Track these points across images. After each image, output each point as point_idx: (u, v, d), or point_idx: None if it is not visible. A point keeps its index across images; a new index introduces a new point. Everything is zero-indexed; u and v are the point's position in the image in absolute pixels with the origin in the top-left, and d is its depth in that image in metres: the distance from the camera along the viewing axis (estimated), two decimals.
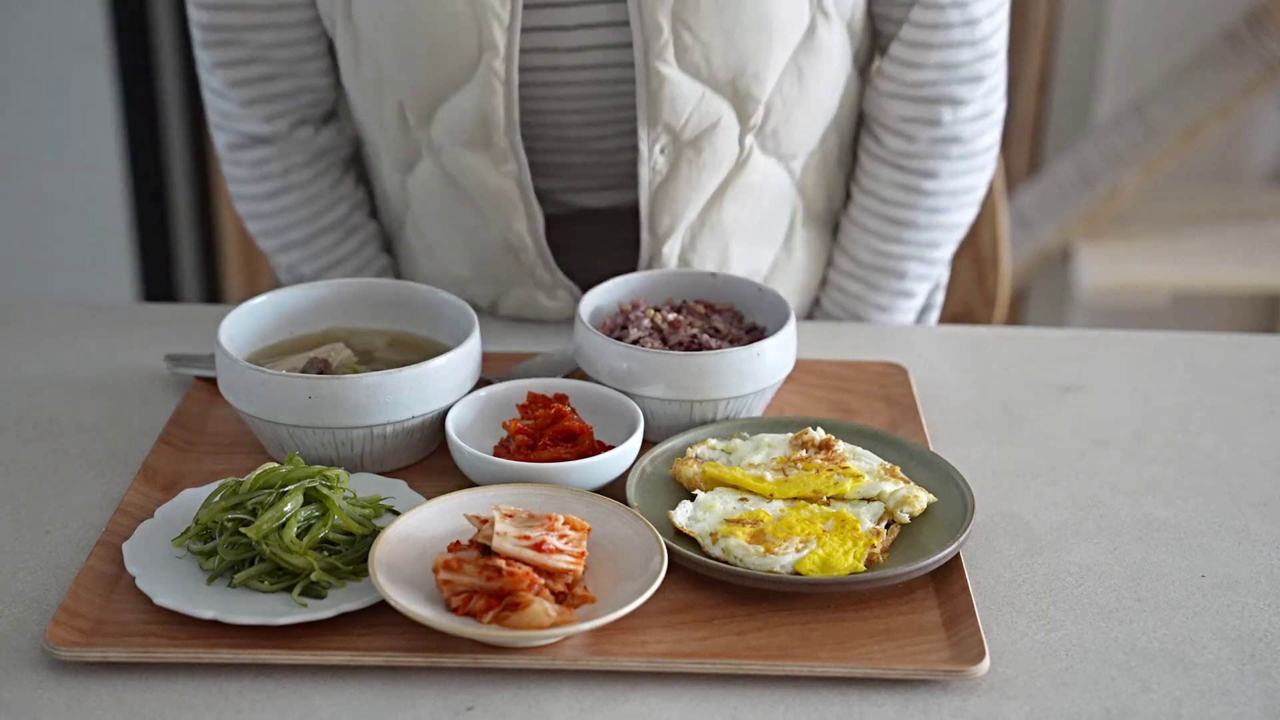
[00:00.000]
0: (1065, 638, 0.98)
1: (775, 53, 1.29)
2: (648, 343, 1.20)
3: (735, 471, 1.09)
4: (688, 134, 1.30)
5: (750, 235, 1.39)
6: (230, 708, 0.91)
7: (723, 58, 1.27)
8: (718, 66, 1.27)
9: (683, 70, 1.27)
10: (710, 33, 1.26)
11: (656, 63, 1.26)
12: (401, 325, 1.26)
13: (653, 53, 1.26)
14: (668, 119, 1.29)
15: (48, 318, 1.42)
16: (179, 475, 1.14)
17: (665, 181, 1.33)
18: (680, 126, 1.30)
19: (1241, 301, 3.04)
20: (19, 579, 1.02)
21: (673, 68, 1.27)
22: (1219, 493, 1.16)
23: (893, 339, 1.42)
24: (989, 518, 1.12)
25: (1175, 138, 2.73)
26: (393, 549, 0.98)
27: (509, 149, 1.32)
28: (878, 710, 0.92)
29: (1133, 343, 1.41)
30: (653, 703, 0.92)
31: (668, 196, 1.33)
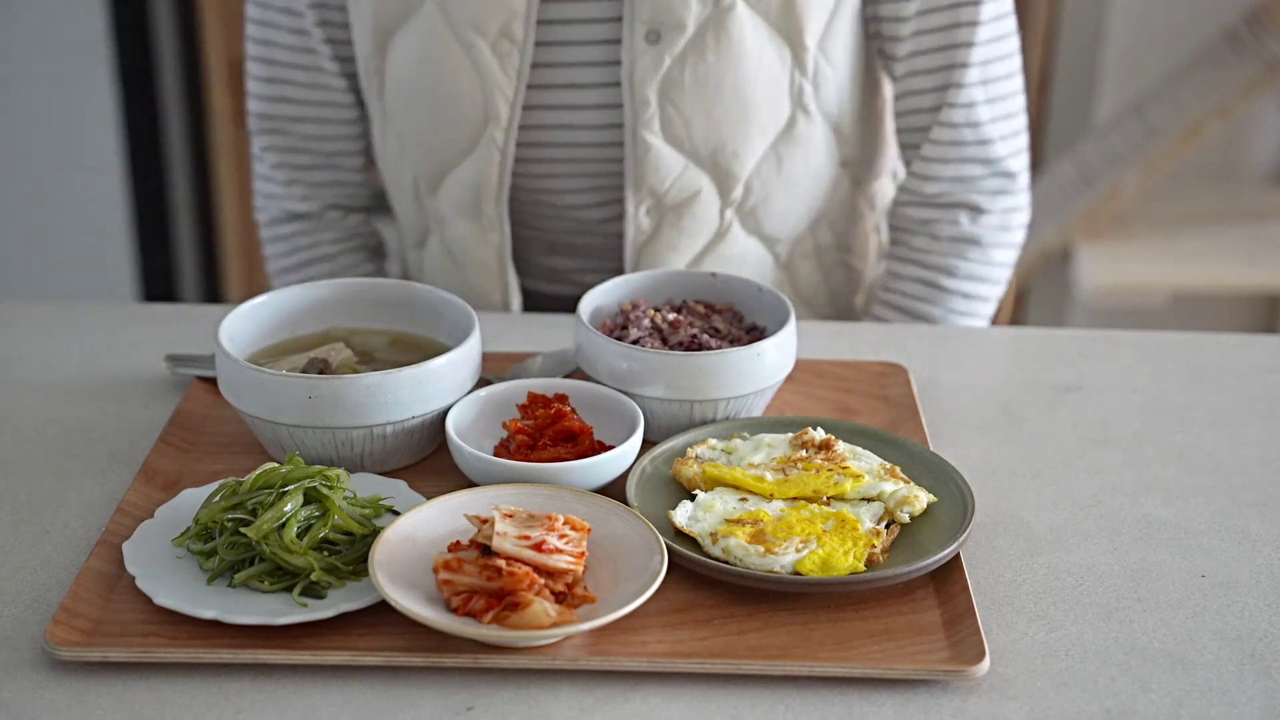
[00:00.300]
0: (1065, 638, 0.98)
1: (754, 137, 1.41)
2: (648, 343, 1.20)
3: (735, 471, 1.09)
4: (670, 199, 1.42)
5: None
6: (230, 708, 0.91)
7: (704, 134, 1.39)
8: (699, 141, 1.40)
9: (667, 141, 1.39)
10: (692, 110, 1.38)
11: (644, 132, 1.38)
12: (401, 325, 1.26)
13: (640, 122, 1.38)
14: (652, 184, 1.41)
15: (48, 318, 1.42)
16: (179, 475, 1.14)
17: (648, 241, 1.44)
18: (663, 192, 1.42)
19: (1241, 301, 3.04)
20: (19, 579, 1.03)
21: (658, 138, 1.39)
22: (1219, 493, 1.16)
23: (893, 339, 1.42)
24: (989, 518, 1.12)
25: (1175, 138, 2.73)
26: (393, 549, 0.98)
27: (495, 218, 1.45)
28: (878, 710, 0.92)
29: (1133, 343, 1.41)
30: (653, 703, 0.92)
31: (650, 254, 1.45)
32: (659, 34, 1.35)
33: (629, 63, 1.36)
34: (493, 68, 1.37)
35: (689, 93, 1.37)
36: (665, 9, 1.34)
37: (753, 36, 1.36)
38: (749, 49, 1.36)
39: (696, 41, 1.35)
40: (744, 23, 1.36)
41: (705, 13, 1.35)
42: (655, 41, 1.35)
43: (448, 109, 1.41)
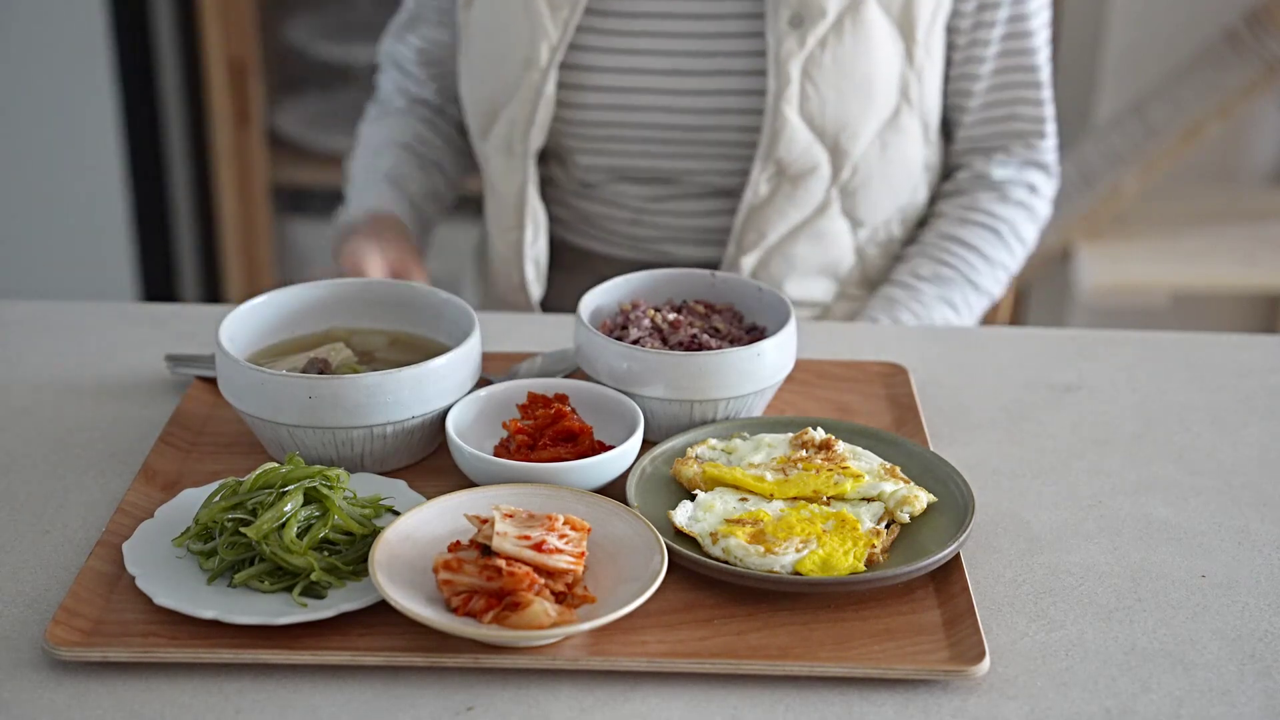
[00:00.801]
0: (1065, 638, 0.98)
1: (870, 119, 1.51)
2: (648, 343, 1.20)
3: (735, 471, 1.09)
4: (792, 170, 1.50)
5: (812, 273, 1.57)
6: (230, 708, 0.91)
7: (834, 112, 1.49)
8: (829, 119, 1.49)
9: (802, 117, 1.48)
10: (828, 89, 1.48)
11: (785, 107, 1.47)
12: (401, 325, 1.26)
13: (783, 99, 1.46)
14: (780, 154, 1.49)
15: (48, 318, 1.42)
16: (179, 475, 1.14)
17: (761, 205, 1.52)
18: (788, 163, 1.50)
19: (1241, 301, 3.04)
20: (19, 579, 1.03)
21: (796, 113, 1.47)
22: (1219, 493, 1.16)
23: (893, 339, 1.42)
24: (989, 518, 1.12)
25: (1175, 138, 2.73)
26: (393, 549, 0.98)
27: (521, 155, 1.53)
28: (878, 710, 0.92)
29: (1133, 343, 1.41)
30: (653, 703, 0.92)
31: (759, 217, 1.52)
32: (802, 18, 1.45)
33: (774, 42, 1.46)
34: (544, 16, 1.47)
35: (828, 74, 1.47)
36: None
37: (879, 27, 1.48)
38: (876, 38, 1.48)
39: (836, 27, 1.46)
40: (874, 13, 1.47)
41: (844, 2, 1.46)
42: (798, 25, 1.45)
43: (500, 51, 1.51)
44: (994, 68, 1.57)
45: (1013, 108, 1.59)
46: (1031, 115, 1.60)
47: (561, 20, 1.47)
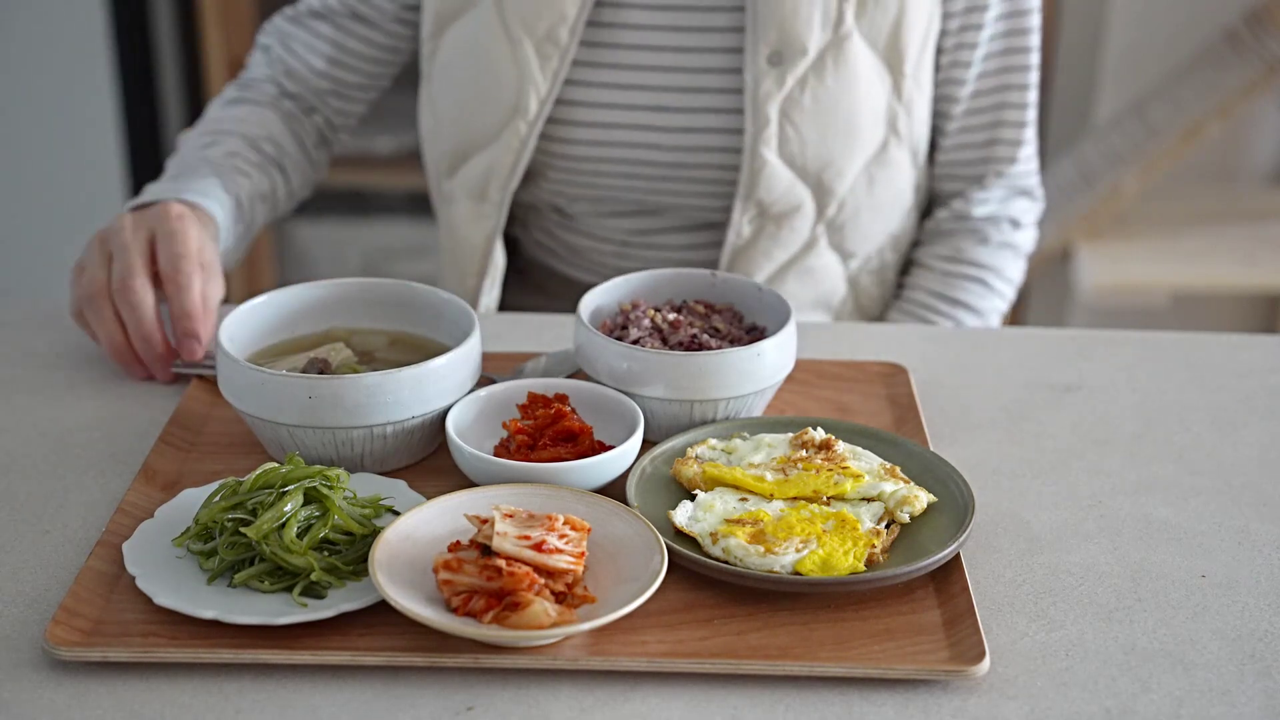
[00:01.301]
0: (1065, 638, 0.98)
1: (855, 156, 1.48)
2: (648, 343, 1.20)
3: (735, 471, 1.09)
4: (774, 211, 1.49)
5: (805, 307, 1.55)
6: (230, 708, 0.91)
7: (815, 152, 1.46)
8: (810, 159, 1.47)
9: (781, 158, 1.46)
10: (808, 129, 1.45)
11: (762, 149, 1.45)
12: (401, 325, 1.26)
13: (760, 140, 1.44)
14: (761, 196, 1.47)
15: (48, 318, 1.41)
16: (179, 475, 1.14)
17: (745, 246, 1.50)
18: (769, 203, 1.48)
19: (1241, 301, 3.04)
20: (19, 579, 1.03)
21: (774, 154, 1.45)
22: (1219, 493, 1.16)
23: (893, 339, 1.42)
24: (989, 518, 1.12)
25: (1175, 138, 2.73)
26: (393, 549, 0.98)
27: (497, 203, 1.52)
28: (878, 710, 0.92)
29: (1133, 343, 1.41)
30: (653, 703, 0.92)
31: (745, 258, 1.51)
32: (781, 56, 1.43)
33: (752, 82, 1.44)
34: (533, 67, 1.45)
35: (808, 114, 1.45)
36: (789, 33, 1.42)
37: (865, 63, 1.46)
38: (861, 74, 1.45)
39: (817, 65, 1.44)
40: (858, 50, 1.45)
41: (826, 38, 1.43)
42: (778, 63, 1.43)
43: (483, 94, 1.48)
44: (975, 89, 1.54)
45: (994, 131, 1.56)
46: (1012, 139, 1.56)
47: (551, 71, 1.45)
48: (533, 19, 1.44)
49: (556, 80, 1.45)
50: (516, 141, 1.47)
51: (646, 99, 1.47)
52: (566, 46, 1.44)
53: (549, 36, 1.44)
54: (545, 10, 1.44)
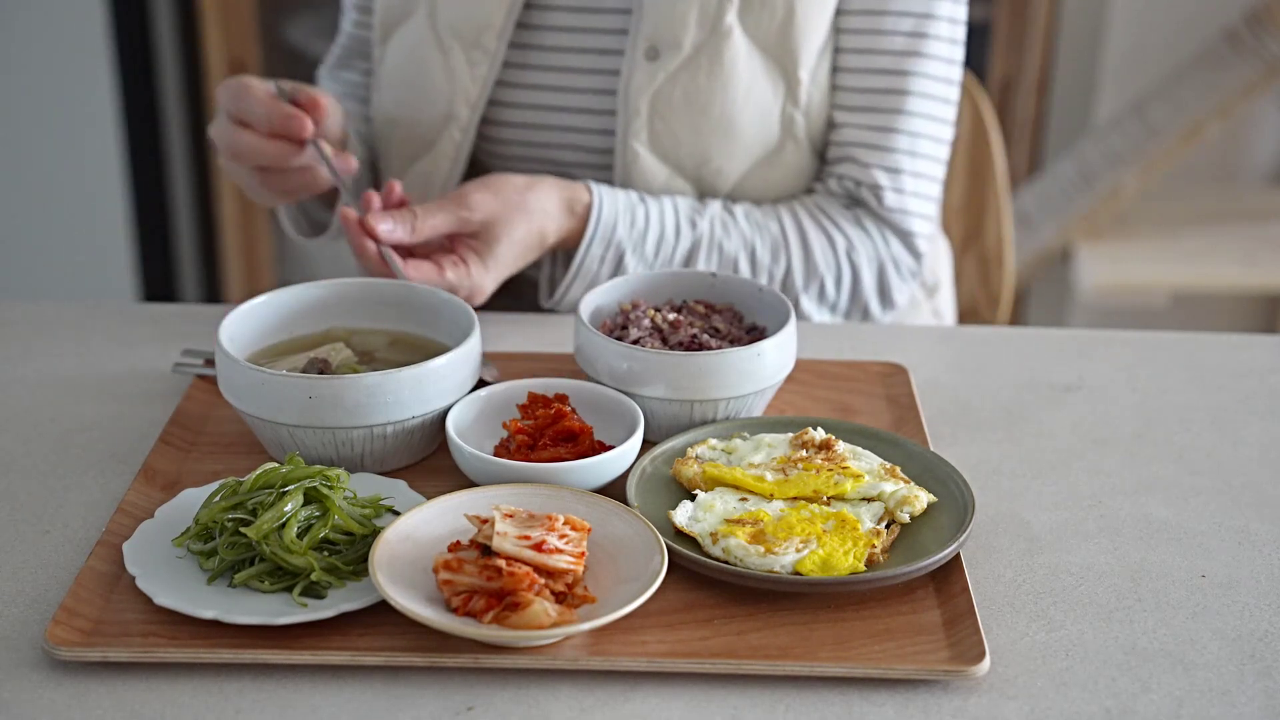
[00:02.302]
0: (1065, 638, 0.98)
1: (738, 156, 1.46)
2: (648, 343, 1.20)
3: (735, 471, 1.09)
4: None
5: None
6: (230, 708, 0.91)
7: (690, 149, 1.44)
8: (684, 155, 1.45)
9: (653, 152, 1.44)
10: (680, 125, 1.43)
11: (633, 142, 1.44)
12: (401, 325, 1.26)
13: (630, 133, 1.43)
14: (638, 188, 1.45)
15: (48, 318, 1.42)
16: (179, 475, 1.14)
17: None
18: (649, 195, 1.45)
19: (1241, 301, 3.04)
20: (19, 579, 1.03)
21: (645, 148, 1.44)
22: (1219, 493, 1.16)
23: (893, 339, 1.42)
24: (989, 518, 1.12)
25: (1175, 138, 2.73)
26: (393, 549, 0.98)
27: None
28: (878, 710, 0.92)
29: (1133, 343, 1.42)
30: (653, 703, 0.92)
31: None
32: (658, 51, 1.41)
33: (626, 75, 1.43)
34: (463, 74, 1.46)
35: (678, 109, 1.43)
36: (665, 28, 1.41)
37: (746, 63, 1.42)
38: (740, 74, 1.42)
39: (691, 62, 1.42)
40: (738, 49, 1.42)
41: (702, 35, 1.41)
42: (654, 58, 1.42)
43: (418, 102, 1.49)
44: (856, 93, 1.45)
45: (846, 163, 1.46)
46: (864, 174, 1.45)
47: (480, 78, 1.45)
48: (461, 26, 1.45)
49: (485, 86, 1.45)
50: (451, 148, 1.48)
51: (570, 100, 1.47)
52: (495, 52, 1.44)
53: (477, 44, 1.45)
54: (473, 18, 1.44)
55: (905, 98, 1.45)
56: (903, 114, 1.45)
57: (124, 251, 3.01)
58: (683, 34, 1.41)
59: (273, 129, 1.31)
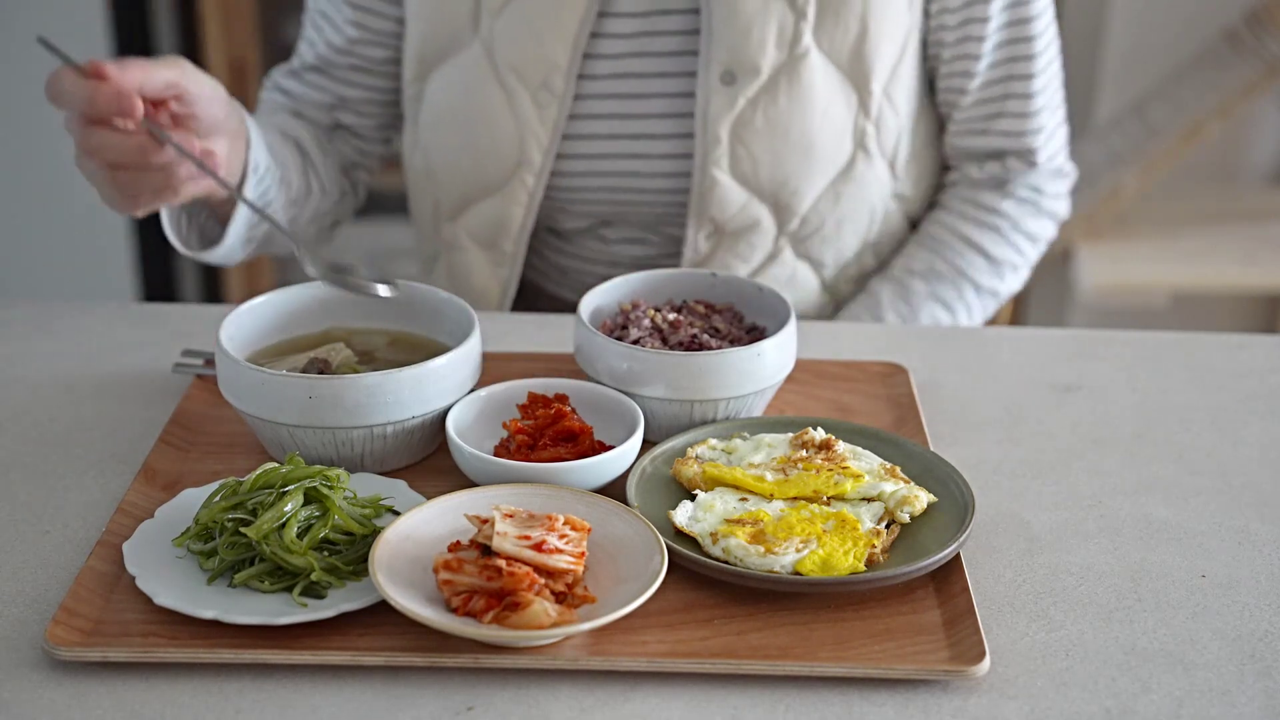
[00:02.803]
0: (1065, 638, 0.98)
1: (815, 176, 1.45)
2: (648, 343, 1.20)
3: (735, 471, 1.09)
4: (730, 227, 1.47)
5: None
6: (230, 708, 0.91)
7: (769, 172, 1.44)
8: (764, 178, 1.44)
9: (733, 177, 1.44)
10: (761, 150, 1.43)
11: (713, 169, 1.43)
12: (401, 325, 1.26)
13: (710, 160, 1.42)
14: (714, 214, 1.45)
15: (48, 318, 1.42)
16: (179, 475, 1.14)
17: (704, 261, 1.49)
18: (724, 221, 1.46)
19: (1241, 301, 3.04)
20: (19, 579, 1.03)
21: (725, 174, 1.43)
22: (1219, 493, 1.16)
23: (893, 339, 1.42)
24: (989, 518, 1.12)
25: (1175, 138, 2.73)
26: (393, 549, 0.98)
27: (511, 255, 1.50)
28: (878, 710, 0.92)
29: (1133, 343, 1.41)
30: (653, 703, 0.92)
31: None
32: (734, 75, 1.40)
33: (703, 101, 1.41)
34: (530, 117, 1.43)
35: (759, 133, 1.42)
36: (741, 52, 1.40)
37: (823, 83, 1.42)
38: (818, 94, 1.42)
39: (770, 85, 1.41)
40: (815, 69, 1.41)
41: (780, 58, 1.40)
42: (730, 83, 1.40)
43: (482, 146, 1.46)
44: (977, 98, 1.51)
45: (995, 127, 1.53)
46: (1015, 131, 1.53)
47: (550, 121, 1.43)
48: (526, 68, 1.42)
49: (557, 130, 1.43)
50: (525, 195, 1.46)
51: (640, 128, 1.45)
52: (563, 94, 1.42)
53: (545, 85, 1.42)
54: (538, 59, 1.41)
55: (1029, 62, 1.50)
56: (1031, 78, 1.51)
57: (124, 251, 3.01)
58: (760, 58, 1.39)
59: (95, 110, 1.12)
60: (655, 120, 1.45)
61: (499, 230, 1.49)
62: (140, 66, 1.14)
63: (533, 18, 1.41)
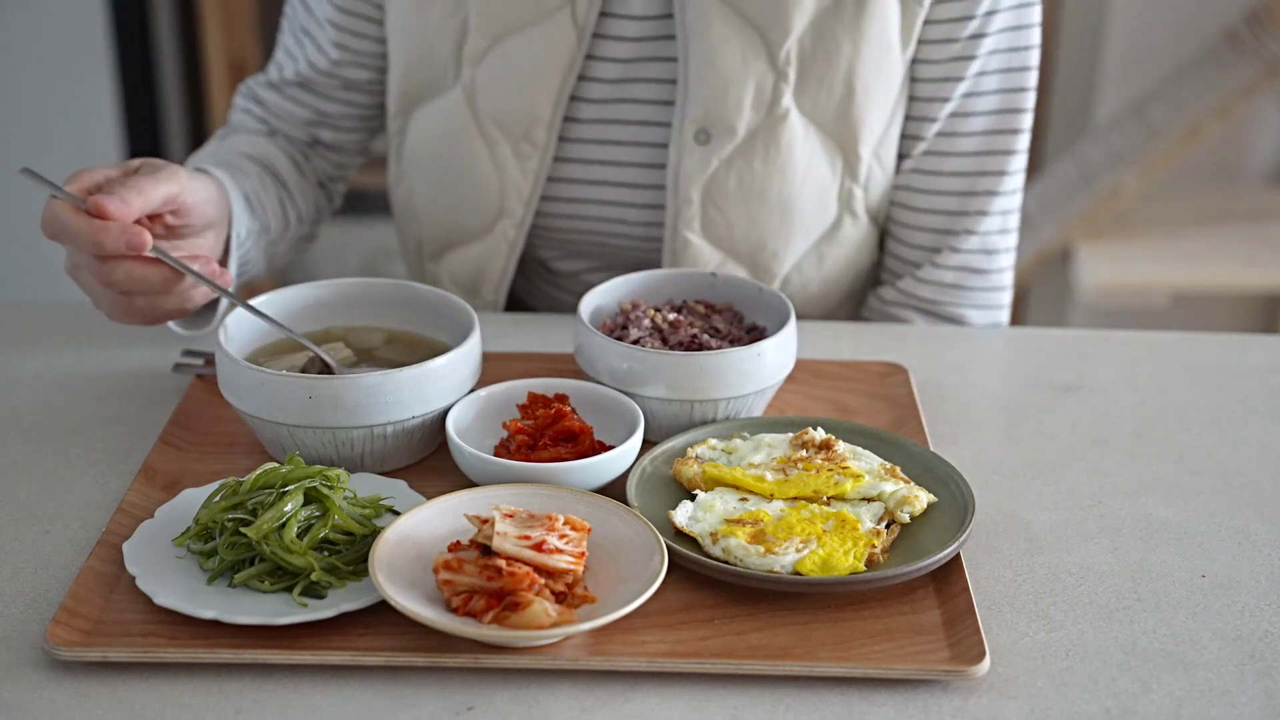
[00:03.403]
0: (1065, 638, 0.98)
1: (795, 238, 1.41)
2: (648, 343, 1.20)
3: (735, 471, 1.09)
4: None
5: None
6: (230, 708, 0.91)
7: (744, 234, 1.39)
8: (739, 240, 1.40)
9: (706, 239, 1.39)
10: (735, 212, 1.38)
11: (684, 230, 1.39)
12: (401, 325, 1.26)
13: (681, 221, 1.38)
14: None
15: (48, 318, 1.42)
16: (179, 475, 1.14)
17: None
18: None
19: (1241, 301, 3.04)
20: (19, 579, 1.02)
21: (698, 235, 1.39)
22: (1219, 493, 1.16)
23: (893, 339, 1.42)
24: (989, 518, 1.12)
25: (1175, 138, 2.73)
26: (393, 549, 0.98)
27: (491, 302, 1.47)
28: (878, 710, 0.92)
29: (1133, 343, 1.41)
30: (653, 703, 0.92)
31: None
32: (709, 134, 1.35)
33: (675, 160, 1.37)
34: (511, 168, 1.39)
35: (733, 196, 1.37)
36: (716, 111, 1.34)
37: (803, 145, 1.37)
38: (798, 158, 1.37)
39: (746, 147, 1.36)
40: (796, 132, 1.36)
41: (758, 119, 1.35)
42: (705, 142, 1.35)
43: (463, 195, 1.43)
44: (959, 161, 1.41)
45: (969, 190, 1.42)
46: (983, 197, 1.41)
47: (531, 172, 1.39)
48: (507, 119, 1.38)
49: (538, 181, 1.39)
50: (505, 245, 1.43)
51: (615, 175, 1.41)
52: (545, 145, 1.38)
53: (526, 137, 1.38)
54: (520, 111, 1.37)
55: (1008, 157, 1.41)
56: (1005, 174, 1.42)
57: None
58: (736, 118, 1.34)
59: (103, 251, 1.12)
60: (634, 170, 1.41)
61: (480, 277, 1.47)
62: (139, 192, 1.14)
63: (515, 67, 1.36)
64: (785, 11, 1.32)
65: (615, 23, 1.36)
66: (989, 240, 1.44)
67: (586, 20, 1.34)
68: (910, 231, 1.46)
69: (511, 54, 1.36)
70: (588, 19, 1.34)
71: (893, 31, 1.34)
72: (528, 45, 1.35)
